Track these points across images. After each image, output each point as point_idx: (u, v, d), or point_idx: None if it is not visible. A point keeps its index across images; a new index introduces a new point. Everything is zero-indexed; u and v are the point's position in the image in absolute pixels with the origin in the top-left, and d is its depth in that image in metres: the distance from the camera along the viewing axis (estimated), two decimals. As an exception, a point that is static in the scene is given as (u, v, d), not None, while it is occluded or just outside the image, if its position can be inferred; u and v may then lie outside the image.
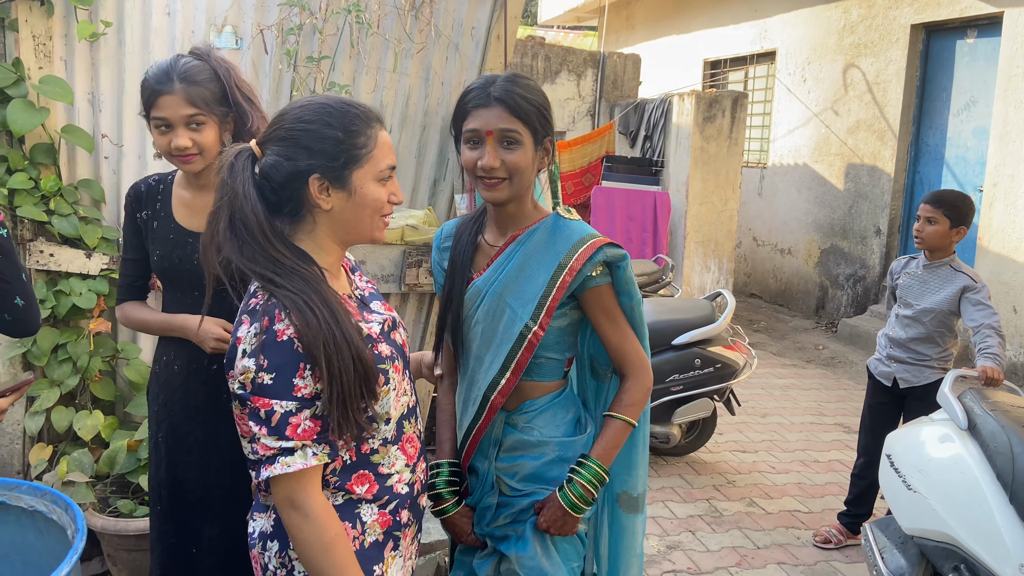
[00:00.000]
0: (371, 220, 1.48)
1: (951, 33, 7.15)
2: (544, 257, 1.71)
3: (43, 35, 2.94)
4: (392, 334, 1.55)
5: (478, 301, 1.76)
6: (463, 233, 1.84)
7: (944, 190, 3.43)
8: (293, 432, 1.33)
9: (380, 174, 1.47)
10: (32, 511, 1.66)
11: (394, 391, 1.49)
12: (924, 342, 3.41)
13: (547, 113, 1.69)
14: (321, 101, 1.46)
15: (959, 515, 2.34)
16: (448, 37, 3.52)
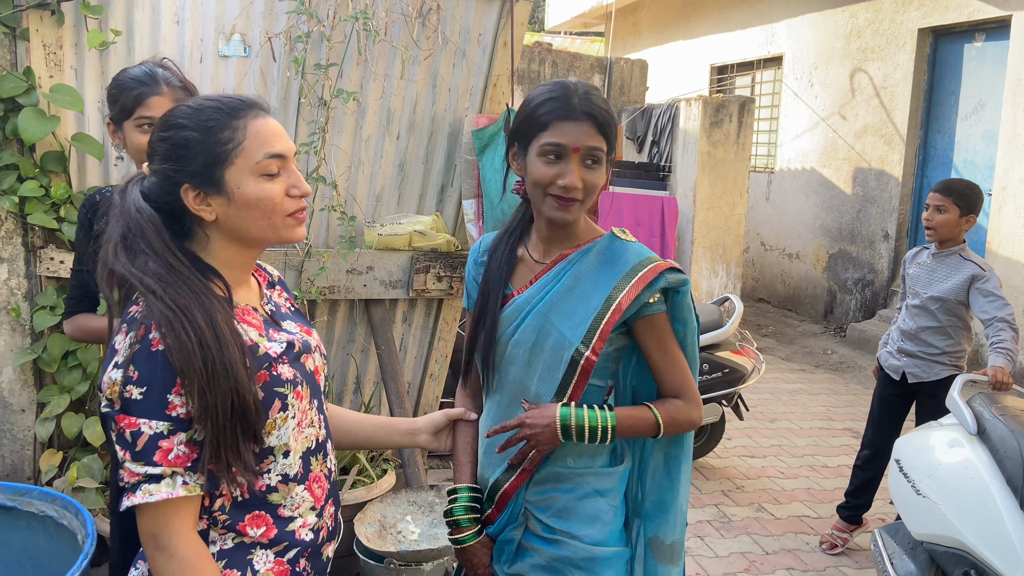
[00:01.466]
0: (267, 221, 1.30)
1: (959, 37, 7.13)
2: (598, 278, 1.59)
3: (53, 44, 2.97)
4: (303, 358, 1.38)
5: (517, 320, 1.63)
6: (499, 246, 1.71)
7: (953, 179, 3.42)
8: (162, 458, 1.16)
9: (259, 167, 1.27)
10: (43, 516, 1.67)
11: (294, 419, 1.32)
12: (934, 332, 3.38)
13: (615, 128, 1.59)
14: (187, 103, 1.31)
15: (969, 520, 2.33)
16: (455, 44, 3.53)
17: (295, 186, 1.31)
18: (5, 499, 1.68)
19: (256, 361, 1.26)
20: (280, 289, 1.53)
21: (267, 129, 1.29)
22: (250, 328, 1.30)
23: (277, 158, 1.28)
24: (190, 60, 3.19)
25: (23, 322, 3.08)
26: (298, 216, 1.32)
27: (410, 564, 2.72)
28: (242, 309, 1.33)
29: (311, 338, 1.45)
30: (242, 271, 1.36)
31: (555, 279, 1.62)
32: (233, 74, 3.26)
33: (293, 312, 1.50)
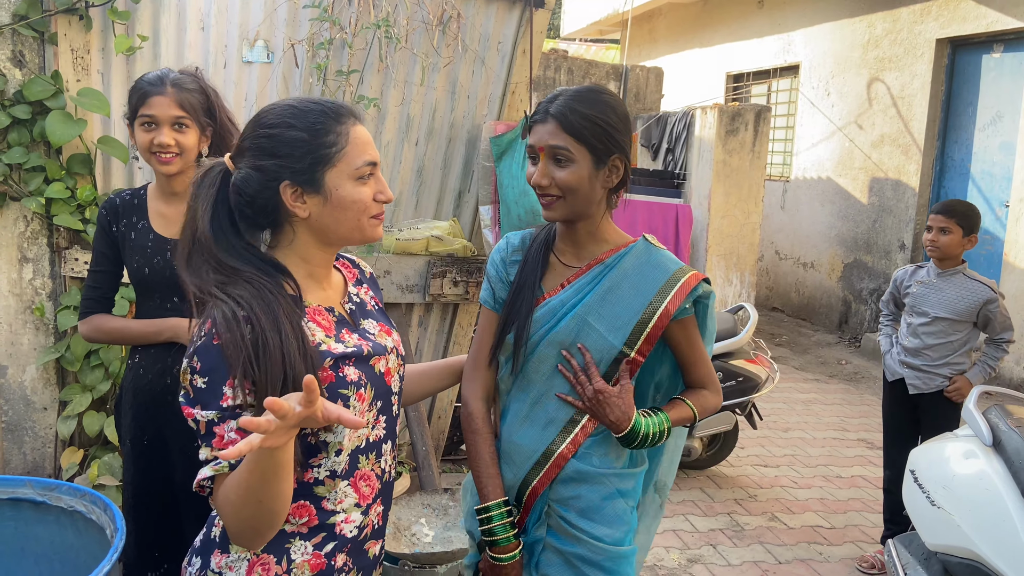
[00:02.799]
0: (356, 222, 1.38)
1: (977, 47, 7.11)
2: (639, 283, 1.64)
3: (81, 48, 3.03)
4: (373, 360, 1.41)
5: (551, 321, 1.66)
6: (532, 249, 1.75)
7: (952, 200, 3.53)
8: (218, 442, 1.23)
9: (357, 172, 1.36)
10: (72, 511, 1.70)
11: None
12: (942, 348, 3.47)
13: (614, 129, 1.60)
14: (286, 103, 1.37)
15: (983, 531, 2.33)
16: (475, 51, 3.57)
17: (381, 192, 1.40)
18: (35, 494, 1.71)
19: (320, 356, 1.30)
20: (367, 287, 1.58)
21: (365, 137, 1.38)
22: (318, 329, 1.35)
23: (372, 165, 1.37)
24: (214, 66, 3.24)
25: (47, 321, 3.13)
26: (379, 218, 1.41)
27: (424, 566, 2.74)
28: (313, 310, 1.37)
29: (388, 339, 1.49)
30: (320, 267, 1.42)
31: (591, 282, 1.66)
32: (256, 80, 3.31)
33: (377, 311, 1.54)
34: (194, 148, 2.17)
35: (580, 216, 1.64)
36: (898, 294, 3.68)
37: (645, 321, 1.62)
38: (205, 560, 1.34)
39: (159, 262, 2.17)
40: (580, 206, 1.61)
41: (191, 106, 2.15)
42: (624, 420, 1.61)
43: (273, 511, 1.20)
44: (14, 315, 3.09)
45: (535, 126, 1.61)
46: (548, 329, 1.66)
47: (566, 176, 1.58)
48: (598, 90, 1.63)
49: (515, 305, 1.69)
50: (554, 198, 1.60)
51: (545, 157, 1.59)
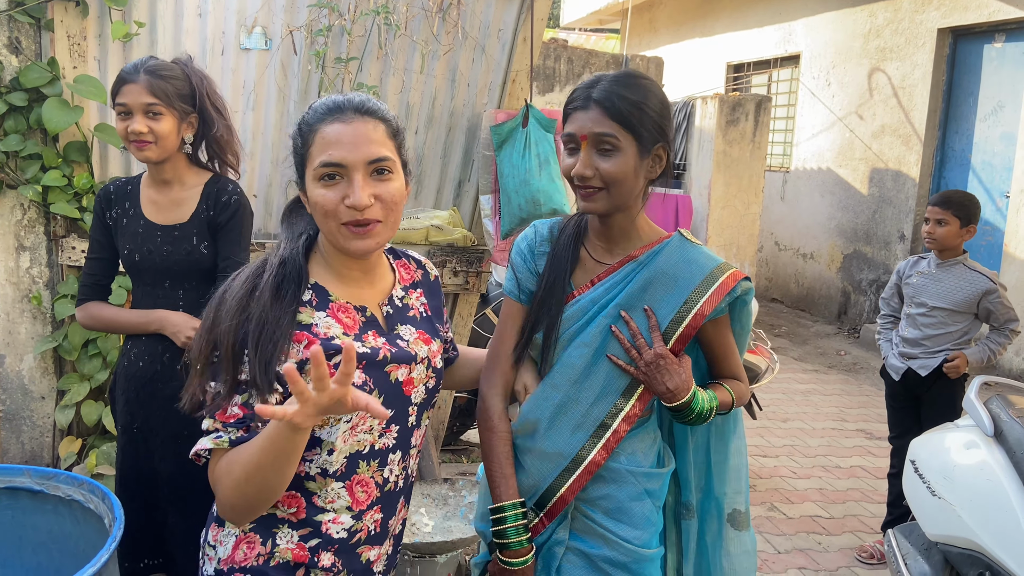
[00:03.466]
0: (327, 228, 1.33)
1: (979, 37, 7.08)
2: (674, 282, 1.56)
3: (78, 35, 3.00)
4: (389, 367, 1.38)
5: (583, 319, 1.59)
6: (560, 241, 1.66)
7: (950, 191, 3.52)
8: (223, 415, 1.26)
9: (315, 172, 1.31)
10: (69, 500, 1.69)
11: (347, 423, 1.33)
12: (940, 339, 3.48)
13: (659, 116, 1.51)
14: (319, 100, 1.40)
15: (984, 522, 2.33)
16: (475, 39, 3.54)
17: (347, 196, 1.29)
18: (32, 483, 1.70)
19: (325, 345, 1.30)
20: (421, 292, 1.54)
21: (332, 136, 1.30)
22: (334, 324, 1.34)
23: (333, 166, 1.29)
24: (212, 53, 3.21)
25: (44, 310, 3.11)
26: (353, 229, 1.31)
27: (424, 556, 2.74)
28: (338, 306, 1.36)
29: (423, 348, 1.45)
30: (345, 267, 1.39)
31: (624, 280, 1.59)
32: (254, 67, 3.28)
33: (423, 318, 1.51)
34: (170, 135, 2.16)
35: (619, 209, 1.55)
36: (899, 284, 3.69)
37: (679, 321, 1.55)
38: (206, 532, 1.40)
39: (149, 248, 2.19)
40: (622, 198, 1.52)
41: (164, 93, 2.13)
42: (683, 389, 1.53)
43: (274, 490, 1.23)
44: (11, 304, 3.07)
45: (574, 113, 1.51)
46: (578, 329, 1.59)
47: (612, 166, 1.48)
48: (639, 75, 1.52)
49: (546, 301, 1.61)
50: (595, 190, 1.50)
51: (588, 146, 1.48)
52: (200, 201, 2.20)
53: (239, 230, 2.20)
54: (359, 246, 1.32)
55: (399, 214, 1.37)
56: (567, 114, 1.53)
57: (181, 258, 2.17)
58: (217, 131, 2.25)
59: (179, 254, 2.17)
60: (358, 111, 1.32)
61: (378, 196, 1.31)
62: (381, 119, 1.34)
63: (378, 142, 1.31)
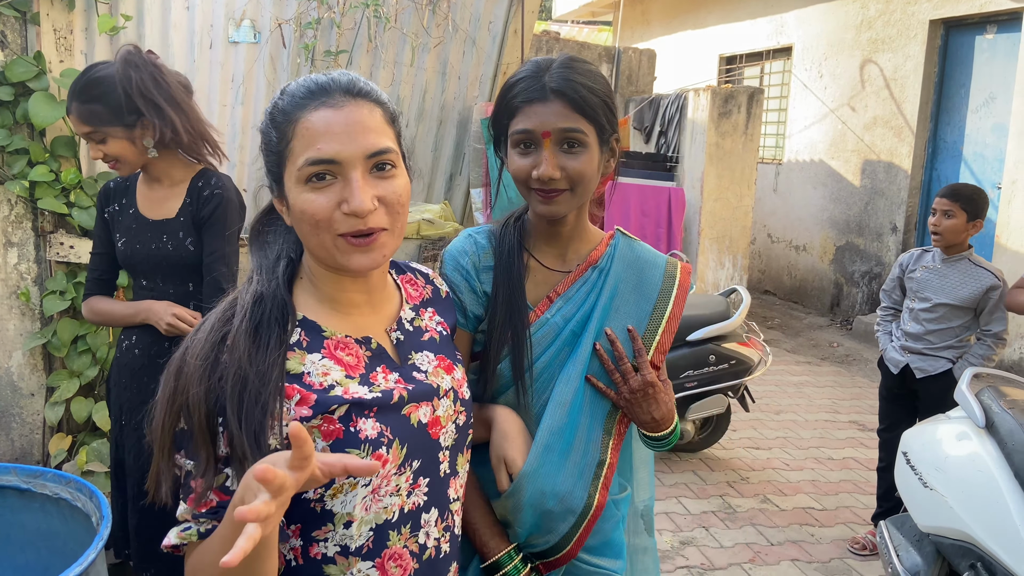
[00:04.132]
0: (317, 241, 1.06)
1: (970, 29, 7.08)
2: (637, 286, 1.42)
3: (64, 29, 2.97)
4: (407, 408, 1.12)
5: (555, 343, 1.38)
6: (503, 250, 1.42)
7: (959, 184, 3.43)
8: (192, 501, 1.01)
9: (299, 173, 1.04)
10: (57, 498, 1.68)
11: (366, 487, 1.07)
12: (940, 334, 3.43)
13: (613, 105, 1.35)
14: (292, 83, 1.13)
15: (976, 513, 2.33)
16: (465, 31, 3.53)
17: (344, 200, 1.03)
18: (19, 481, 1.69)
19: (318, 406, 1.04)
20: (434, 310, 1.29)
21: (319, 125, 1.04)
22: (335, 366, 1.08)
23: (323, 163, 1.03)
24: (200, 46, 3.19)
25: (32, 307, 3.09)
26: (353, 241, 1.05)
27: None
28: (336, 342, 1.11)
29: (446, 378, 1.20)
30: (338, 291, 1.14)
31: (593, 290, 1.41)
32: (243, 60, 3.26)
33: (441, 339, 1.26)
34: (126, 150, 2.10)
35: (577, 209, 1.39)
36: (902, 276, 3.63)
37: (654, 329, 1.40)
38: None
39: (140, 243, 2.19)
40: (585, 198, 1.36)
41: (97, 118, 2.06)
42: (669, 417, 1.39)
43: None
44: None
45: (529, 106, 1.30)
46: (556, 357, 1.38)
47: (580, 165, 1.30)
48: (581, 59, 1.36)
49: (505, 325, 1.37)
50: (558, 192, 1.31)
51: (552, 144, 1.29)
52: (186, 196, 2.19)
53: (222, 224, 2.16)
54: (362, 262, 1.06)
55: (405, 219, 1.12)
56: (515, 107, 1.31)
57: (169, 253, 2.16)
58: (171, 127, 2.09)
59: (167, 249, 2.17)
60: (348, 93, 1.06)
61: (382, 198, 1.05)
62: (376, 102, 1.09)
63: (377, 130, 1.06)
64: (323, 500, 1.06)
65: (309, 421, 1.04)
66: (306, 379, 1.06)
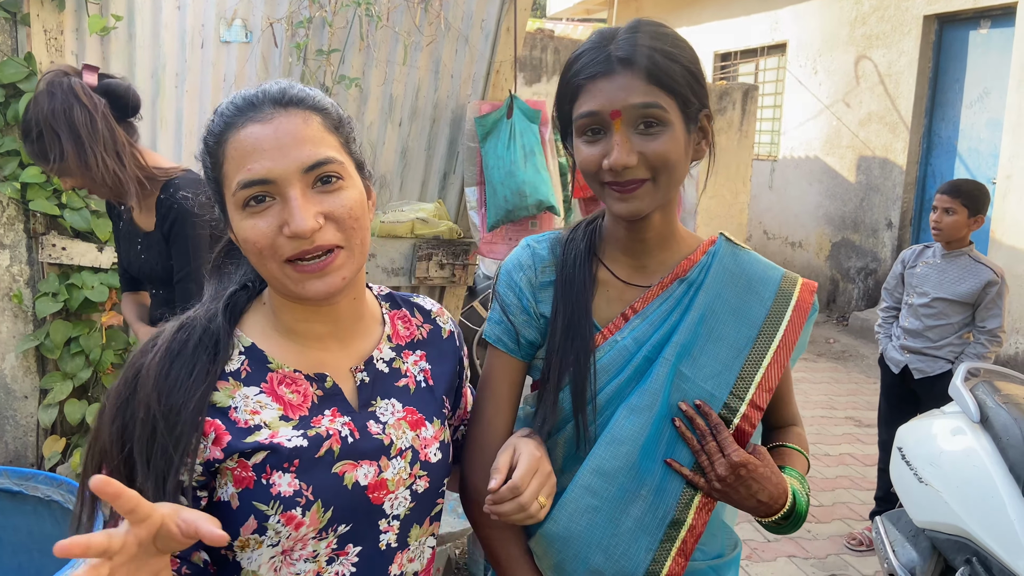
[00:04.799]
0: (264, 269, 0.96)
1: (964, 23, 7.09)
2: (739, 304, 1.16)
3: (54, 29, 2.96)
4: (341, 467, 0.99)
5: (625, 370, 1.14)
6: (568, 259, 1.20)
7: (960, 180, 3.43)
8: None
9: (235, 199, 0.95)
10: (48, 501, 1.68)
11: (274, 547, 0.96)
12: (943, 329, 3.40)
13: (700, 73, 1.11)
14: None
15: (971, 508, 2.33)
16: (457, 30, 3.52)
17: (286, 223, 0.93)
18: (11, 484, 1.69)
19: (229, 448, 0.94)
20: (423, 354, 1.15)
21: (248, 143, 0.94)
22: (270, 404, 0.99)
23: (253, 186, 0.93)
24: (191, 46, 3.17)
25: (25, 309, 3.08)
26: (302, 267, 0.95)
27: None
28: (281, 376, 1.01)
29: (407, 435, 1.06)
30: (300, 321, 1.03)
31: (676, 308, 1.16)
32: (235, 60, 3.25)
33: (418, 390, 1.12)
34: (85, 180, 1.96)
35: (663, 206, 1.14)
36: (902, 272, 3.61)
37: (756, 362, 1.13)
38: None
39: (132, 252, 2.18)
40: (671, 191, 1.12)
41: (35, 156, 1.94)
42: (780, 495, 1.10)
43: None
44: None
45: (592, 82, 1.07)
46: (623, 386, 1.14)
47: (661, 147, 1.06)
48: (658, 22, 1.11)
49: (566, 349, 1.15)
50: (638, 183, 1.08)
51: (623, 125, 1.06)
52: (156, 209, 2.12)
53: (183, 239, 2.05)
54: (318, 288, 0.95)
55: (365, 234, 0.99)
56: (577, 87, 1.09)
57: (155, 264, 2.14)
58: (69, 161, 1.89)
59: (153, 260, 2.15)
60: (278, 103, 0.96)
61: (329, 214, 0.95)
62: (312, 108, 0.98)
63: (314, 140, 0.95)
64: (232, 549, 0.97)
65: (223, 463, 0.94)
66: (231, 414, 0.96)
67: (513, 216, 3.34)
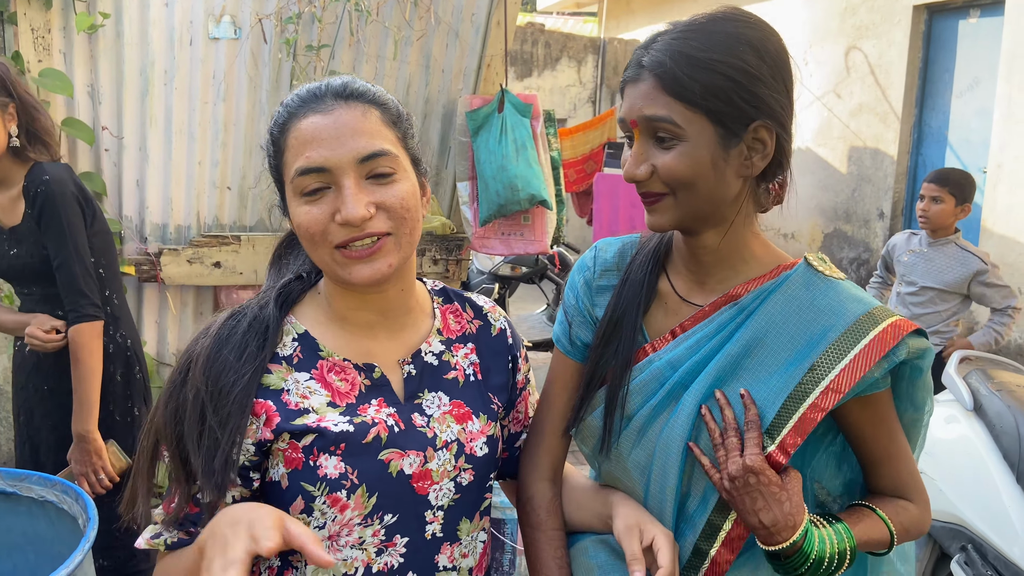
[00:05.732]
0: (317, 256, 1.01)
1: (954, 13, 7.10)
2: (797, 337, 1.04)
3: (42, 28, 2.94)
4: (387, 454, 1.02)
5: (659, 394, 1.09)
6: (634, 265, 1.17)
7: (947, 168, 3.45)
8: (166, 505, 1.01)
9: (293, 186, 1.00)
10: (43, 501, 1.67)
11: (320, 529, 1.01)
12: (929, 318, 3.42)
13: (752, 79, 1.01)
14: None
15: (965, 495, 2.35)
16: (448, 24, 3.51)
17: (338, 210, 0.96)
18: (5, 485, 1.68)
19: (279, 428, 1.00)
20: (472, 347, 1.16)
21: (307, 132, 0.98)
22: (320, 390, 1.03)
23: (312, 173, 0.97)
24: (179, 43, 3.16)
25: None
26: (349, 253, 0.98)
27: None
28: (331, 364, 1.05)
29: (453, 428, 1.08)
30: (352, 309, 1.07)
31: (718, 333, 1.08)
32: (224, 57, 3.23)
33: (467, 383, 1.13)
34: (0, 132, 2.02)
35: (706, 222, 1.07)
36: (890, 259, 3.63)
37: (798, 399, 1.02)
38: None
39: (1, 251, 2.14)
40: (699, 206, 1.04)
41: None
42: (785, 527, 0.99)
43: None
44: (-18, 304, 3.02)
45: (626, 87, 1.05)
46: (655, 411, 1.10)
47: (674, 161, 1.01)
48: (727, 17, 1.05)
49: (604, 356, 1.14)
50: (658, 196, 1.04)
51: (641, 135, 1.03)
52: (23, 199, 2.11)
53: (56, 221, 2.06)
54: (364, 273, 0.98)
55: (416, 226, 1.02)
56: (622, 90, 1.08)
57: (27, 261, 2.11)
58: (42, 116, 2.11)
59: (23, 256, 2.11)
60: (339, 96, 1.00)
61: (381, 204, 0.98)
62: (372, 102, 1.02)
63: (370, 132, 0.99)
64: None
65: (273, 443, 1.00)
66: (283, 396, 1.01)
67: (505, 210, 3.33)
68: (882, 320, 1.03)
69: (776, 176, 1.11)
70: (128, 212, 3.21)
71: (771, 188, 1.12)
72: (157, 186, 3.22)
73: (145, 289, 3.28)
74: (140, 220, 3.23)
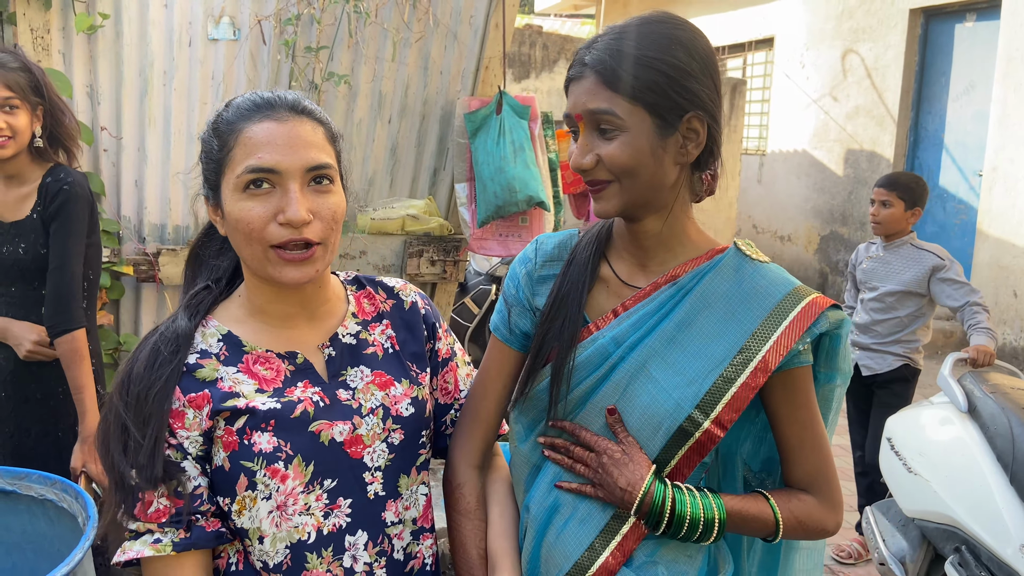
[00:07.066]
0: (250, 252, 1.08)
1: (950, 17, 7.13)
2: (728, 316, 1.13)
3: (41, 28, 2.94)
4: (318, 425, 1.11)
5: (601, 367, 1.16)
6: (577, 251, 1.24)
7: (898, 172, 3.45)
8: (141, 512, 1.06)
9: (238, 180, 1.06)
10: (42, 500, 1.67)
11: (268, 500, 1.08)
12: (889, 323, 3.35)
13: (684, 74, 1.08)
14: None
15: (960, 497, 2.36)
16: (446, 26, 3.52)
17: (282, 211, 1.05)
18: (4, 483, 1.68)
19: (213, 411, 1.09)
20: (387, 323, 1.25)
21: (262, 136, 1.06)
22: (247, 380, 1.11)
23: (260, 172, 1.05)
24: (179, 44, 3.16)
25: None
26: (284, 255, 1.06)
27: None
28: (255, 357, 1.14)
29: (371, 397, 1.17)
30: (272, 302, 1.16)
31: (658, 311, 1.15)
32: (223, 58, 3.24)
33: (386, 356, 1.22)
34: (26, 130, 2.11)
35: (647, 208, 1.14)
36: (854, 271, 3.63)
37: (728, 379, 1.10)
38: None
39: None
40: (642, 192, 1.11)
41: (18, 86, 2.09)
42: (641, 480, 1.10)
43: None
44: (-19, 303, 3.02)
45: (570, 85, 1.13)
46: (596, 383, 1.16)
47: (616, 151, 1.08)
48: (659, 20, 1.12)
49: (550, 336, 1.19)
50: (604, 184, 1.12)
51: (586, 128, 1.12)
52: (37, 195, 2.15)
53: (69, 220, 2.12)
54: (294, 275, 1.07)
55: (339, 236, 1.13)
56: (566, 87, 1.16)
57: (20, 257, 2.13)
58: (68, 121, 2.21)
59: (18, 253, 2.13)
60: (293, 109, 1.10)
61: (317, 212, 1.07)
62: (319, 121, 1.13)
63: (318, 146, 1.09)
64: (231, 517, 1.10)
65: (213, 431, 1.09)
66: (219, 384, 1.10)
67: (503, 212, 3.34)
68: (804, 296, 1.12)
69: (709, 164, 1.17)
70: (126, 212, 3.21)
71: (703, 178, 1.18)
72: (156, 186, 3.23)
73: (143, 289, 3.29)
74: (138, 220, 3.23)
